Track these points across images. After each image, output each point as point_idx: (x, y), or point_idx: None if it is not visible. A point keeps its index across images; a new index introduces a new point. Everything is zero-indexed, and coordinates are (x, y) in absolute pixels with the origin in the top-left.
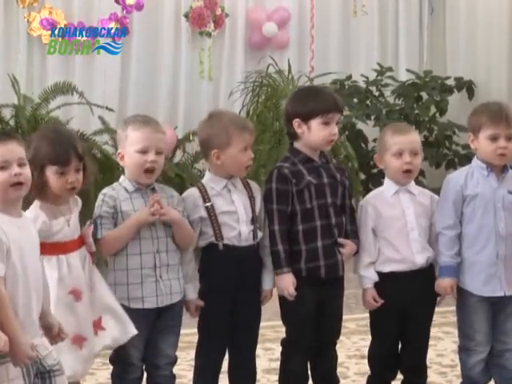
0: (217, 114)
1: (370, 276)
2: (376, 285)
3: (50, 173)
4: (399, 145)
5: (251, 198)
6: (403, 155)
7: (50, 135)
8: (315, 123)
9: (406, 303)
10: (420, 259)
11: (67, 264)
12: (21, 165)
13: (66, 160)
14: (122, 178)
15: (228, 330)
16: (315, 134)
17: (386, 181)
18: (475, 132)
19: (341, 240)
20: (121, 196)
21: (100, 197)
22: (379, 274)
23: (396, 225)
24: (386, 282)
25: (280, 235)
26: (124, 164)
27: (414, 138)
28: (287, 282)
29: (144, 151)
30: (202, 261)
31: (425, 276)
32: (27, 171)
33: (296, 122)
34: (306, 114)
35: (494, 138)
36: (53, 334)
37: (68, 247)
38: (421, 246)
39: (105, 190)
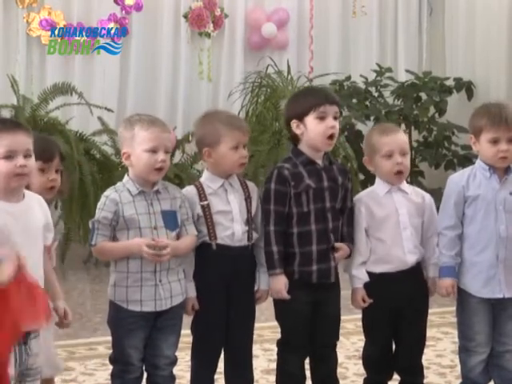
0: (210, 113)
1: (361, 276)
2: (367, 285)
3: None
4: (388, 146)
5: (247, 199)
6: (393, 156)
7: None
8: (310, 119)
9: (397, 303)
10: (411, 259)
11: None
12: (26, 156)
13: (50, 155)
14: (125, 178)
15: (222, 330)
16: (312, 130)
17: (378, 180)
18: (476, 135)
19: (337, 244)
20: (124, 199)
21: (102, 199)
22: (370, 274)
23: (389, 224)
24: (377, 282)
25: (275, 236)
26: (130, 163)
27: (402, 137)
28: (280, 285)
29: (153, 151)
30: (196, 260)
31: (414, 275)
32: (32, 163)
33: (294, 124)
34: (299, 112)
35: (494, 142)
36: (58, 316)
37: None
38: (413, 245)
39: (107, 192)
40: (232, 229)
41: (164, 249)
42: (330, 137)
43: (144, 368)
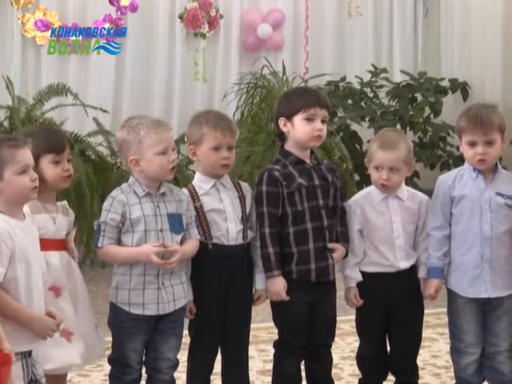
0: (200, 112)
1: (355, 276)
2: (360, 284)
3: (46, 163)
4: (379, 160)
5: (241, 198)
6: (382, 171)
7: (38, 129)
8: (298, 119)
9: (390, 302)
10: (404, 265)
11: (45, 261)
12: (33, 169)
13: (62, 147)
14: (131, 179)
15: (219, 330)
16: (299, 130)
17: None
18: (459, 136)
19: (330, 245)
20: (130, 200)
21: (108, 200)
22: (363, 273)
23: (382, 231)
24: (369, 281)
25: (270, 238)
26: (140, 169)
27: (396, 155)
28: (279, 287)
29: (164, 152)
30: (192, 260)
31: (408, 276)
32: (36, 175)
33: (281, 121)
34: (288, 111)
35: (472, 144)
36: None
37: (48, 245)
38: (405, 253)
39: (114, 193)
40: (226, 227)
41: (173, 254)
42: (317, 137)
43: (145, 371)
